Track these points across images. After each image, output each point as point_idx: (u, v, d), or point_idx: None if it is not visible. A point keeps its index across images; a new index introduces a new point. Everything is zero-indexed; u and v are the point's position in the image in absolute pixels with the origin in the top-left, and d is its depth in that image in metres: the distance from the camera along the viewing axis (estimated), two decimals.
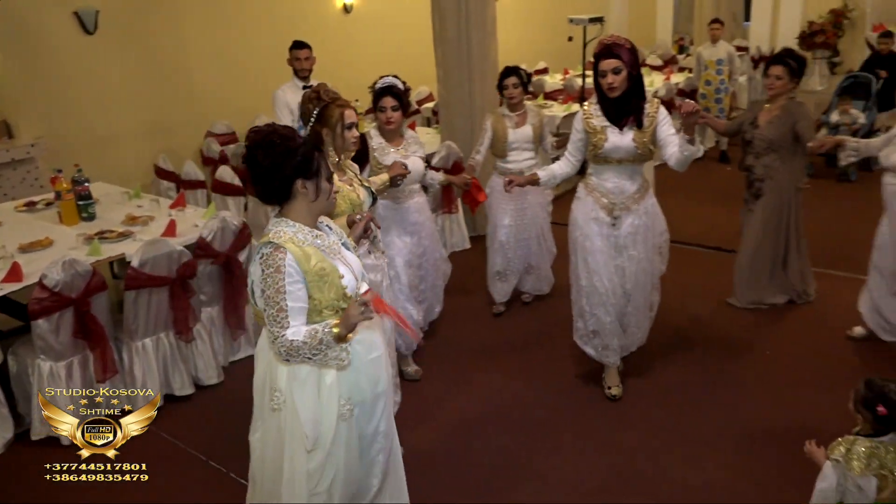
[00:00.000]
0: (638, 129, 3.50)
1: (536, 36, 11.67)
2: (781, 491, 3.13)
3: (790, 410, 3.72)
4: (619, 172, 3.61)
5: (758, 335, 4.50)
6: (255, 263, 2.30)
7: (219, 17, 7.63)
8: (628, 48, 3.44)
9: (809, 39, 10.89)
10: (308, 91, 3.20)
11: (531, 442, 3.57)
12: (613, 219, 3.63)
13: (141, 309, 3.90)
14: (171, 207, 4.86)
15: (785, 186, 4.52)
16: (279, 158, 2.23)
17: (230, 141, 7.26)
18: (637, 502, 3.14)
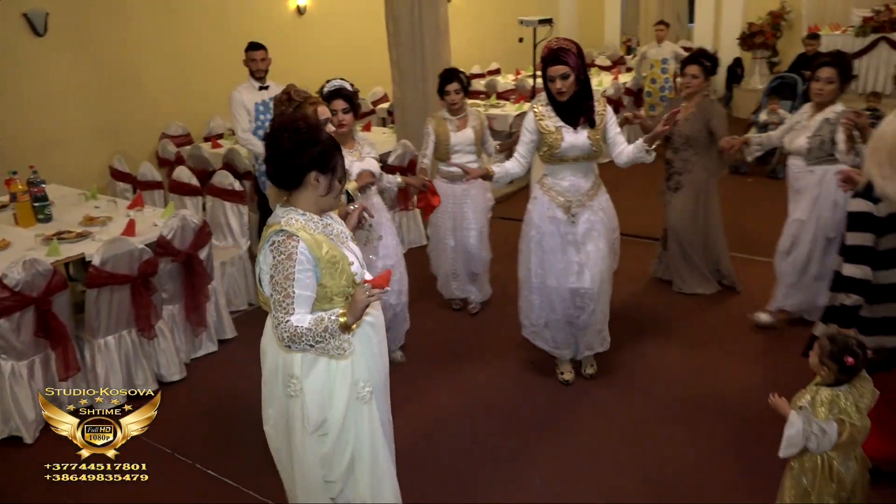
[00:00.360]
0: (591, 127, 3.62)
1: (488, 37, 11.86)
2: (720, 455, 3.35)
3: (724, 384, 3.97)
4: (575, 171, 3.70)
5: (691, 318, 4.76)
6: (264, 251, 2.32)
7: (171, 20, 7.61)
8: (575, 52, 3.51)
9: (749, 40, 11.35)
10: (278, 94, 3.22)
11: (495, 434, 3.67)
12: (571, 216, 3.72)
13: (103, 307, 3.94)
14: (129, 208, 4.89)
15: (701, 179, 4.80)
16: (301, 145, 2.27)
17: (185, 142, 7.26)
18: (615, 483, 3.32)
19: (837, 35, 10.44)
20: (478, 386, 4.13)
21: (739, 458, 3.37)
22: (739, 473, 3.27)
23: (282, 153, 2.28)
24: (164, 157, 6.69)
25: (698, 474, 3.29)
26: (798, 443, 2.53)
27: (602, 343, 4.00)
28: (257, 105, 5.32)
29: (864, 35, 10.05)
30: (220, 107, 7.81)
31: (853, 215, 2.82)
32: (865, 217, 2.77)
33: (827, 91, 4.08)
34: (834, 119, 4.04)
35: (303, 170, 2.29)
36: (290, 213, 2.32)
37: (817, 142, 4.09)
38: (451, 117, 4.69)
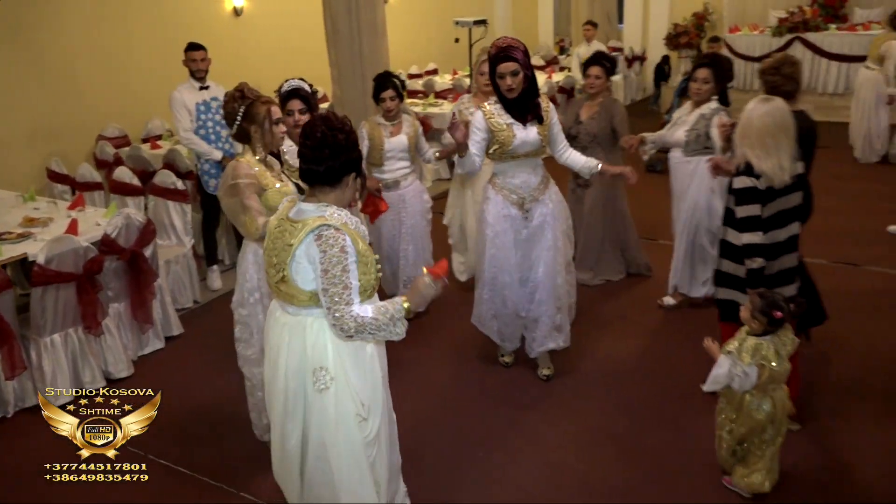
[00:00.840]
0: (539, 123, 3.71)
1: (425, 38, 12.06)
2: (657, 429, 3.62)
3: (647, 358, 4.27)
4: (524, 167, 3.78)
5: (606, 304, 5.01)
6: (305, 245, 2.33)
7: (106, 21, 7.55)
8: (522, 50, 3.60)
9: (675, 40, 11.86)
10: (230, 92, 3.23)
11: (457, 434, 3.74)
12: (525, 212, 3.81)
13: (48, 305, 3.97)
14: (70, 208, 4.91)
15: (619, 201, 5.09)
16: (352, 146, 2.38)
17: (123, 144, 7.21)
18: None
19: (756, 35, 10.97)
20: (431, 383, 4.24)
21: (665, 420, 3.64)
22: (675, 432, 3.54)
23: (335, 148, 2.34)
24: (103, 159, 6.64)
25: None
26: (722, 381, 2.94)
27: (554, 338, 4.01)
28: (198, 105, 5.38)
29: (780, 35, 10.59)
30: (158, 108, 7.78)
31: (740, 191, 3.20)
32: (751, 191, 3.17)
33: (704, 90, 4.43)
34: (708, 115, 4.38)
35: (347, 168, 2.39)
36: (329, 209, 2.37)
37: (694, 135, 4.43)
38: (385, 122, 4.68)
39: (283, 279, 2.41)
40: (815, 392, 3.79)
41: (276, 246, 2.45)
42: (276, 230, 2.47)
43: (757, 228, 3.18)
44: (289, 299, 2.45)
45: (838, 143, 8.74)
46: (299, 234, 2.34)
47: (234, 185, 3.08)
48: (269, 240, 2.50)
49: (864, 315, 4.63)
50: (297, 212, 2.42)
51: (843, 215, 6.48)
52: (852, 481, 3.22)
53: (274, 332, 2.53)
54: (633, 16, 12.93)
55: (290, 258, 2.36)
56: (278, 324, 2.51)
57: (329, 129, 2.34)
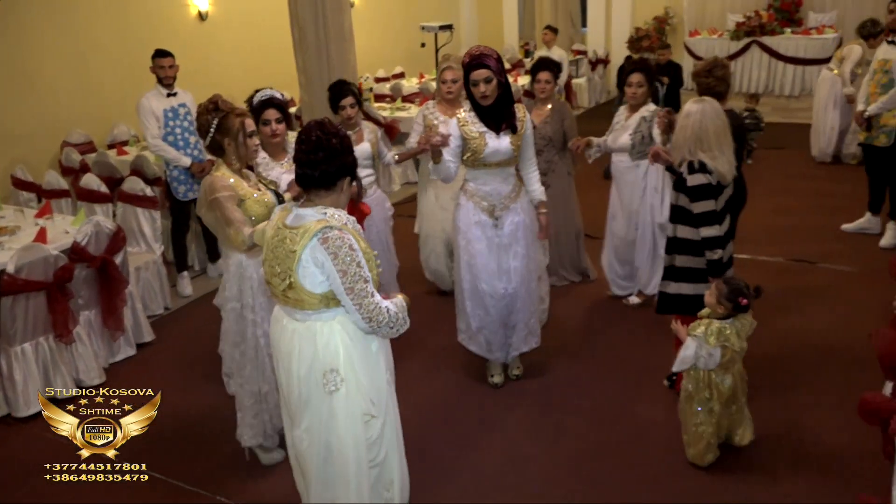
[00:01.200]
0: (513, 133, 3.69)
1: (391, 41, 12.12)
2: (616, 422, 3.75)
3: (609, 354, 4.39)
4: (495, 175, 3.77)
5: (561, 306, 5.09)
6: (310, 248, 2.37)
7: (71, 26, 7.49)
8: (495, 58, 3.60)
9: (637, 43, 12.08)
10: (203, 103, 3.23)
11: (434, 440, 3.75)
12: (495, 219, 3.80)
13: (18, 314, 3.96)
14: (38, 216, 4.88)
15: (565, 177, 5.19)
16: (347, 150, 2.43)
17: (89, 150, 7.15)
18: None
19: (715, 39, 11.24)
20: (413, 395, 4.28)
21: (630, 416, 3.77)
22: (637, 429, 3.67)
23: (329, 152, 2.39)
24: (68, 166, 6.58)
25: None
26: (689, 362, 3.22)
27: (528, 341, 4.06)
28: (166, 112, 5.38)
29: (738, 39, 10.87)
30: (123, 113, 7.75)
31: (696, 188, 3.43)
32: (706, 188, 3.42)
33: (640, 94, 4.63)
34: (649, 116, 4.57)
35: (342, 172, 2.44)
36: (329, 210, 2.43)
37: (639, 138, 4.59)
38: (346, 132, 4.68)
39: (291, 285, 2.43)
40: (775, 376, 3.96)
41: (276, 255, 2.47)
42: (273, 240, 2.50)
43: (714, 222, 3.44)
44: (298, 305, 2.47)
45: (795, 143, 9.03)
46: (302, 238, 2.37)
47: (213, 199, 3.09)
48: (268, 250, 2.52)
49: (819, 309, 4.82)
50: (294, 218, 2.45)
51: (800, 214, 6.71)
52: (811, 436, 3.47)
53: (283, 341, 2.55)
54: (596, 19, 13.15)
55: (296, 263, 2.39)
56: (286, 331, 2.53)
57: (324, 134, 2.39)
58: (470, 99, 3.72)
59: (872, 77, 5.80)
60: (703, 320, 3.28)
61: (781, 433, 3.59)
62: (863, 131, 5.84)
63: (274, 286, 2.52)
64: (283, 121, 3.77)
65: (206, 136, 3.20)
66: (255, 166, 3.76)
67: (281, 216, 2.53)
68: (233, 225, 3.06)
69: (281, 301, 2.55)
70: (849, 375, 3.99)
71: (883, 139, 5.69)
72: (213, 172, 3.20)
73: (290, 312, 2.53)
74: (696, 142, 3.40)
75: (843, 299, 4.96)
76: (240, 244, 3.06)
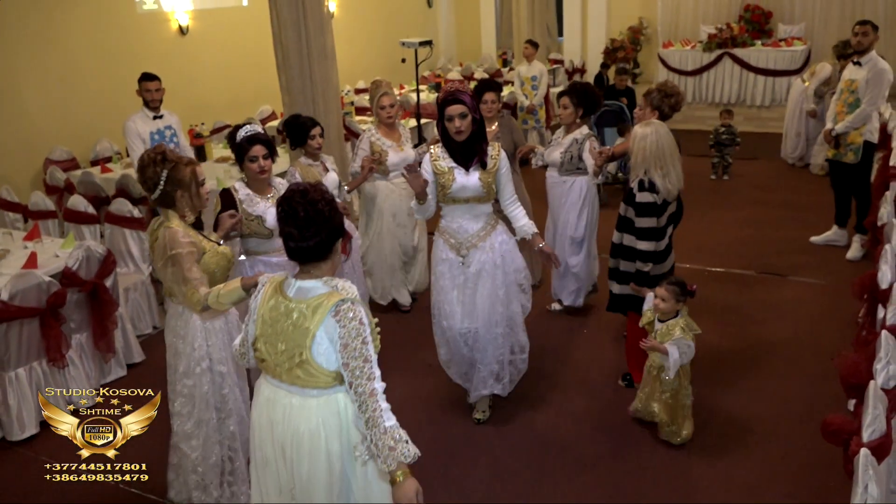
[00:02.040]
0: (483, 169, 3.74)
1: (371, 52, 12.21)
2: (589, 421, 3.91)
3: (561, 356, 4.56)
4: (464, 212, 3.80)
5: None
6: (325, 325, 2.28)
7: (51, 42, 7.52)
8: (470, 94, 3.72)
9: (612, 54, 12.31)
10: (146, 154, 3.05)
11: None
12: (462, 257, 3.81)
13: (12, 340, 4.04)
14: (27, 239, 4.94)
15: (520, 189, 5.27)
16: (335, 212, 2.32)
17: (72, 167, 7.20)
18: None
19: (688, 50, 11.49)
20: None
21: (604, 428, 3.93)
22: (610, 440, 3.83)
23: (318, 227, 2.28)
24: (53, 185, 6.62)
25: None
26: (679, 363, 3.58)
27: (488, 384, 3.99)
28: (152, 134, 5.48)
29: (710, 51, 11.13)
30: (105, 129, 7.79)
31: (642, 205, 3.82)
32: (651, 206, 3.81)
33: (566, 115, 4.96)
34: (581, 139, 4.91)
35: (336, 236, 2.35)
36: (337, 282, 2.36)
37: (568, 157, 4.95)
38: (315, 163, 4.61)
39: (302, 363, 2.31)
40: (741, 386, 4.15)
41: (278, 329, 2.35)
42: (271, 313, 2.37)
43: (654, 238, 3.85)
44: (309, 383, 2.34)
45: (767, 153, 9.31)
46: (315, 315, 2.28)
47: (174, 255, 2.98)
48: (266, 324, 2.39)
49: (788, 322, 5.02)
50: (298, 291, 2.36)
51: (772, 226, 6.93)
52: (776, 448, 3.64)
53: (294, 418, 2.37)
54: (572, 29, 13.33)
55: (311, 341, 2.29)
56: (298, 409, 2.37)
57: (310, 204, 2.28)
58: (442, 134, 3.76)
59: (839, 96, 6.03)
60: (669, 323, 3.68)
61: (750, 443, 3.78)
62: (831, 148, 6.07)
63: (274, 364, 2.38)
64: (269, 156, 3.75)
65: (154, 189, 3.03)
66: (239, 203, 3.76)
67: (276, 286, 2.41)
68: (189, 284, 2.96)
69: (284, 378, 2.38)
70: (815, 388, 4.18)
71: (850, 156, 5.93)
72: (167, 225, 3.05)
73: (297, 391, 2.38)
74: (654, 160, 3.77)
75: (811, 312, 5.17)
76: (195, 304, 2.96)
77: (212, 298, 2.88)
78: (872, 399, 2.46)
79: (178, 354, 3.19)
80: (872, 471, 2.15)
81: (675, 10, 12.45)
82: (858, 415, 2.61)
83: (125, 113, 7.75)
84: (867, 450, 2.23)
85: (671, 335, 3.63)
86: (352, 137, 7.70)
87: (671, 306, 3.67)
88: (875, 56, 5.83)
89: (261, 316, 2.40)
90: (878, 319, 3.43)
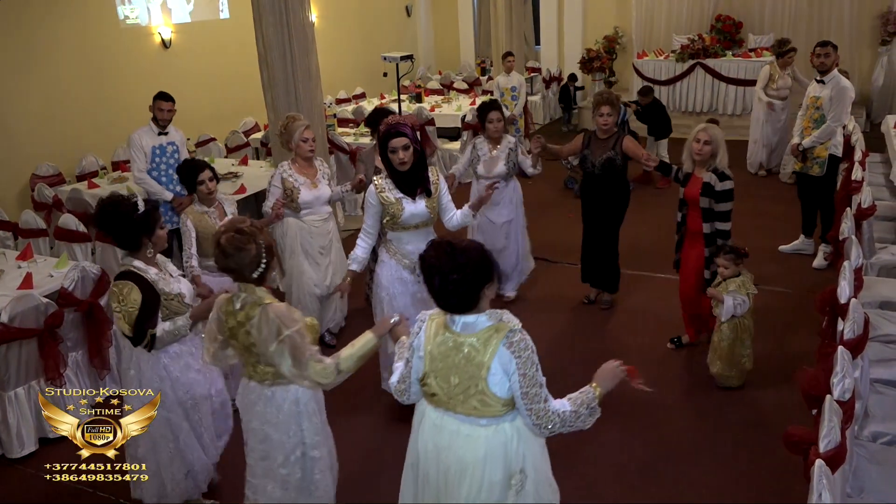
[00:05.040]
0: (428, 196, 3.95)
1: (351, 62, 12.35)
2: None
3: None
4: (416, 236, 3.97)
5: None
6: (499, 355, 2.37)
7: (32, 57, 7.60)
8: (411, 126, 3.92)
9: (588, 64, 12.57)
10: (231, 237, 2.78)
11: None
12: (417, 276, 3.68)
13: (12, 361, 4.17)
14: (20, 259, 5.04)
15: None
16: (485, 256, 2.44)
17: (57, 182, 7.29)
18: None
19: (661, 60, 11.77)
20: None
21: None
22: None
23: (466, 283, 2.38)
24: (41, 201, 6.71)
25: None
26: (731, 312, 4.33)
27: None
28: (154, 148, 5.68)
29: (682, 61, 11.43)
30: (90, 144, 7.89)
31: (724, 192, 4.51)
32: (731, 192, 4.52)
33: (500, 127, 5.56)
34: (513, 146, 5.56)
35: (487, 279, 2.43)
36: (502, 314, 2.46)
37: (511, 165, 5.57)
38: (208, 209, 4.52)
39: (478, 393, 2.42)
40: (711, 395, 4.38)
41: (450, 364, 2.45)
42: (440, 347, 2.47)
43: (730, 219, 4.66)
44: (485, 413, 2.45)
45: (737, 161, 9.54)
46: (489, 347, 2.39)
47: (290, 336, 2.76)
48: (435, 360, 2.48)
49: (756, 331, 5.24)
50: (463, 326, 2.45)
51: (741, 235, 7.04)
52: (746, 453, 3.83)
53: (461, 447, 2.48)
54: (549, 37, 13.59)
55: (486, 372, 2.39)
56: (465, 438, 2.48)
57: (455, 264, 2.39)
58: (386, 166, 3.93)
59: (805, 112, 6.31)
60: (729, 281, 4.39)
61: (719, 449, 4.00)
62: (798, 162, 6.35)
63: (448, 397, 2.48)
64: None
65: (256, 268, 2.82)
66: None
67: (437, 324, 2.51)
68: (313, 358, 2.79)
69: (458, 410, 2.48)
70: (782, 395, 4.42)
71: (816, 169, 6.22)
72: (263, 303, 2.82)
73: (467, 420, 2.48)
74: (723, 154, 4.56)
75: (780, 320, 5.42)
76: (327, 377, 2.81)
77: (345, 364, 2.81)
78: (828, 412, 2.68)
79: (269, 440, 2.98)
80: (826, 480, 2.36)
81: (649, 20, 12.76)
82: (818, 424, 2.83)
83: (110, 127, 7.88)
84: (822, 460, 2.45)
85: (726, 289, 4.38)
86: (335, 150, 7.85)
87: (732, 270, 4.42)
88: (837, 74, 6.12)
89: (429, 353, 2.50)
90: (837, 333, 3.66)
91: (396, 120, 3.96)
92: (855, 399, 3.02)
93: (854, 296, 3.68)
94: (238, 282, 2.86)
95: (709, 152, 4.54)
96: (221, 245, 2.78)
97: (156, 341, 3.20)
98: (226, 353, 2.99)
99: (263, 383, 2.93)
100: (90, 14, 8.28)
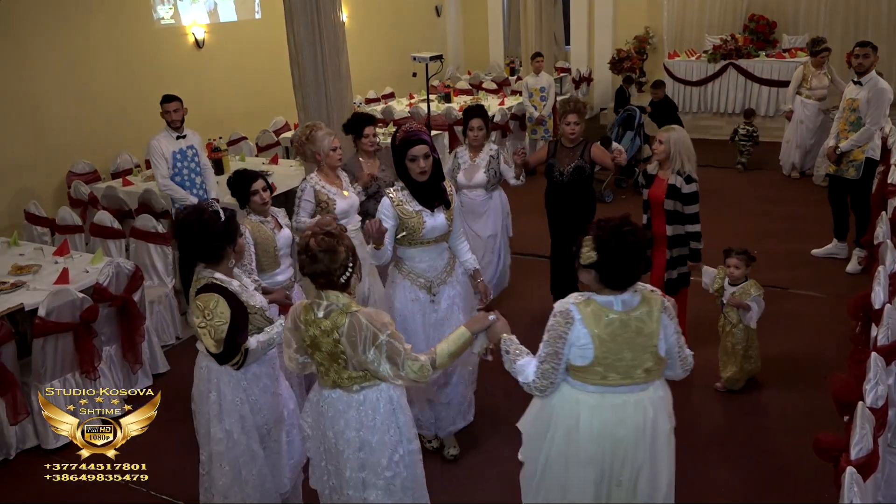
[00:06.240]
0: (447, 208, 3.68)
1: (380, 61, 12.39)
2: None
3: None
4: (430, 251, 3.71)
5: None
6: (662, 322, 2.68)
7: (69, 56, 7.74)
8: (428, 133, 3.63)
9: (619, 65, 12.48)
10: (320, 241, 2.71)
11: None
12: (433, 295, 3.73)
13: (48, 354, 4.27)
14: (57, 255, 5.16)
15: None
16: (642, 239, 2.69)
17: (93, 179, 7.43)
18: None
19: (693, 61, 11.66)
20: None
21: None
22: None
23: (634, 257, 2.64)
24: (77, 198, 6.85)
25: None
26: (758, 315, 4.41)
27: (465, 417, 4.06)
28: (174, 153, 5.71)
29: (715, 61, 11.30)
30: (125, 142, 8.03)
31: (690, 195, 4.48)
32: (696, 195, 4.48)
33: (480, 136, 5.35)
34: (496, 154, 5.39)
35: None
36: (645, 286, 2.75)
37: (492, 173, 5.39)
38: (265, 219, 4.21)
39: (647, 360, 2.67)
40: (742, 399, 4.34)
41: (620, 342, 2.63)
42: (607, 328, 2.61)
43: (699, 221, 4.59)
44: (648, 378, 2.70)
45: (771, 163, 9.45)
46: (653, 318, 2.66)
47: (388, 340, 2.72)
48: (604, 342, 2.62)
49: (788, 335, 5.20)
50: (622, 304, 2.65)
51: (776, 238, 7.08)
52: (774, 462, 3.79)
53: (630, 415, 2.68)
54: (579, 37, 13.54)
55: (657, 339, 2.67)
56: (633, 406, 2.69)
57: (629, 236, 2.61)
58: (403, 176, 3.64)
59: (842, 114, 6.20)
60: (744, 285, 4.45)
61: (747, 454, 3.96)
62: (832, 164, 6.24)
63: (625, 372, 2.66)
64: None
65: (344, 272, 2.76)
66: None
67: (593, 308, 2.64)
68: (408, 356, 2.75)
69: (636, 381, 2.68)
70: (813, 401, 4.36)
71: (852, 172, 6.11)
72: (351, 311, 2.74)
73: (629, 390, 2.69)
74: (687, 155, 4.47)
75: (811, 325, 5.35)
76: (423, 375, 2.77)
77: (441, 360, 2.80)
78: (860, 419, 2.64)
79: (367, 445, 2.85)
80: (857, 488, 2.34)
81: (681, 19, 12.64)
82: (849, 431, 2.80)
83: (144, 126, 8.00)
84: (853, 468, 2.42)
85: (749, 294, 4.42)
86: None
87: (743, 272, 4.46)
88: (875, 76, 6.01)
89: (597, 336, 2.63)
90: (871, 338, 3.60)
91: (414, 127, 3.62)
92: (888, 406, 2.97)
93: (888, 301, 3.62)
94: (321, 290, 2.75)
95: (663, 152, 4.54)
96: (310, 248, 2.67)
97: (248, 356, 3.01)
98: (304, 361, 2.91)
99: (351, 389, 2.82)
100: (126, 15, 8.42)
